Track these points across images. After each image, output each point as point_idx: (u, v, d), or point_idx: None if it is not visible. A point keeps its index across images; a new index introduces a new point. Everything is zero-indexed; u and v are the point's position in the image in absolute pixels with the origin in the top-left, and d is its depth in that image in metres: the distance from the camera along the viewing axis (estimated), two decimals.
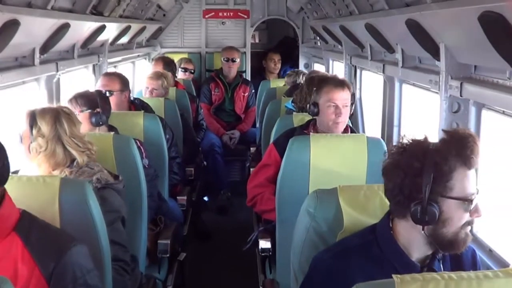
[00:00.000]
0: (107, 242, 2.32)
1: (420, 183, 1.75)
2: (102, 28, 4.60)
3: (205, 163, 5.85)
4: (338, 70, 6.28)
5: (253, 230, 3.78)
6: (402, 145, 1.83)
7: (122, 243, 2.60)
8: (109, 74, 4.36)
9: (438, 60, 3.15)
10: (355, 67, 5.59)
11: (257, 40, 9.36)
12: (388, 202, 1.90)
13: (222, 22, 7.94)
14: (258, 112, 6.21)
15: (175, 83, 6.00)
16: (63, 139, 2.55)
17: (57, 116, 2.56)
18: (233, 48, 7.16)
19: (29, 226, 1.93)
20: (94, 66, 5.07)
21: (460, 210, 1.76)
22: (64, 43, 3.96)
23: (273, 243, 3.27)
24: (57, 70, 3.93)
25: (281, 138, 3.50)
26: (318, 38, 7.29)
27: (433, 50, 3.19)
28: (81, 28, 4.26)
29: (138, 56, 7.06)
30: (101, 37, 4.81)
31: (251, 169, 4.44)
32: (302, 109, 4.19)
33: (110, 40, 5.25)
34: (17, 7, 2.87)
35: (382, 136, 4.51)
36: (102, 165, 2.70)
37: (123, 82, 4.21)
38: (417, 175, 1.76)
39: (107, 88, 4.06)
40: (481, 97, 2.87)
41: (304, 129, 3.55)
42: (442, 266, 1.91)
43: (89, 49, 4.85)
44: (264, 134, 4.75)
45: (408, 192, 1.78)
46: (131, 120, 3.90)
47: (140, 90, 5.83)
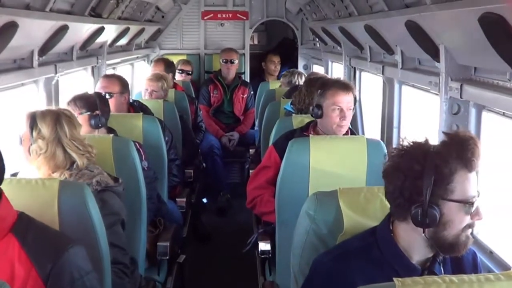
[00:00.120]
0: (106, 244, 2.31)
1: (420, 186, 1.75)
2: (100, 30, 4.59)
3: (204, 165, 5.85)
4: (337, 71, 6.27)
5: (252, 232, 3.77)
6: (403, 148, 1.83)
7: (121, 246, 2.60)
8: (109, 76, 4.36)
9: (438, 61, 3.15)
10: (355, 68, 5.58)
11: (256, 42, 9.34)
12: (388, 205, 1.90)
13: (221, 24, 7.93)
14: (257, 114, 6.19)
15: (174, 85, 5.99)
16: (63, 142, 2.55)
17: (58, 119, 2.56)
18: (232, 49, 7.16)
19: (26, 227, 1.92)
20: (93, 68, 5.06)
21: (461, 213, 1.76)
22: (62, 45, 3.96)
23: (272, 245, 3.27)
24: (56, 72, 3.93)
25: (281, 140, 3.49)
26: (317, 39, 7.28)
27: (433, 51, 3.18)
28: (80, 30, 4.26)
29: (137, 57, 7.05)
30: (100, 39, 4.80)
31: (250, 171, 4.43)
32: (301, 110, 4.18)
33: (108, 42, 5.24)
34: (15, 9, 2.86)
35: (382, 138, 4.51)
36: (101, 167, 2.69)
37: (123, 84, 4.21)
38: (418, 177, 1.75)
39: (107, 90, 4.05)
40: (481, 99, 2.87)
41: (304, 131, 3.54)
42: (442, 269, 1.91)
43: (87, 51, 4.84)
44: (263, 136, 4.73)
45: (409, 194, 1.77)
46: (130, 122, 3.89)
47: (139, 92, 5.82)
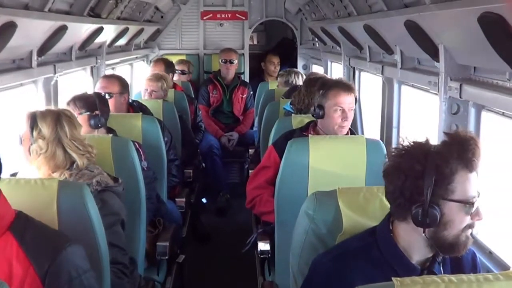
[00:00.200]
0: (106, 244, 2.31)
1: (421, 186, 1.74)
2: (99, 30, 4.59)
3: (203, 165, 5.85)
4: (337, 71, 6.27)
5: (252, 232, 3.77)
6: (403, 147, 1.83)
7: (121, 246, 2.60)
8: (108, 76, 4.36)
9: (438, 61, 3.14)
10: (354, 68, 5.58)
11: (255, 42, 9.34)
12: (388, 204, 1.90)
13: (220, 24, 7.93)
14: (257, 114, 6.19)
15: (174, 85, 5.99)
16: (63, 142, 2.55)
17: (58, 119, 2.56)
18: (231, 49, 7.16)
19: (24, 226, 1.92)
20: (92, 68, 5.05)
21: (461, 213, 1.76)
22: (61, 45, 3.95)
23: (272, 245, 3.27)
24: (55, 72, 3.92)
25: (281, 140, 3.49)
26: (316, 39, 7.28)
27: (432, 51, 3.18)
28: (79, 30, 4.25)
29: (136, 58, 7.04)
30: (99, 39, 4.79)
31: (250, 171, 4.43)
32: (301, 111, 4.18)
33: (108, 42, 5.24)
34: (14, 9, 2.86)
35: (381, 138, 4.50)
36: (101, 167, 2.69)
37: (123, 84, 4.21)
38: (419, 177, 1.75)
39: (107, 90, 4.05)
40: (481, 99, 2.86)
41: (304, 131, 3.54)
42: (442, 268, 1.91)
43: (87, 51, 4.83)
44: (263, 136, 4.73)
45: (409, 194, 1.77)
46: (129, 122, 3.89)
47: (139, 92, 5.82)
